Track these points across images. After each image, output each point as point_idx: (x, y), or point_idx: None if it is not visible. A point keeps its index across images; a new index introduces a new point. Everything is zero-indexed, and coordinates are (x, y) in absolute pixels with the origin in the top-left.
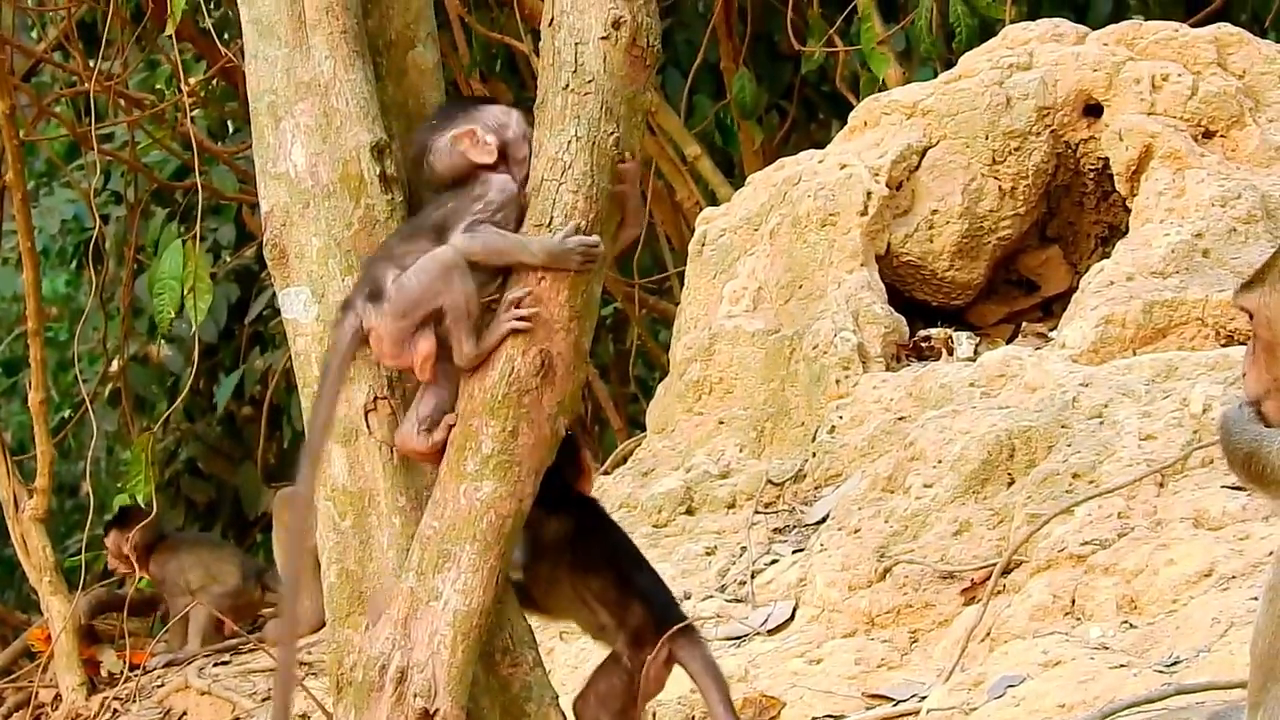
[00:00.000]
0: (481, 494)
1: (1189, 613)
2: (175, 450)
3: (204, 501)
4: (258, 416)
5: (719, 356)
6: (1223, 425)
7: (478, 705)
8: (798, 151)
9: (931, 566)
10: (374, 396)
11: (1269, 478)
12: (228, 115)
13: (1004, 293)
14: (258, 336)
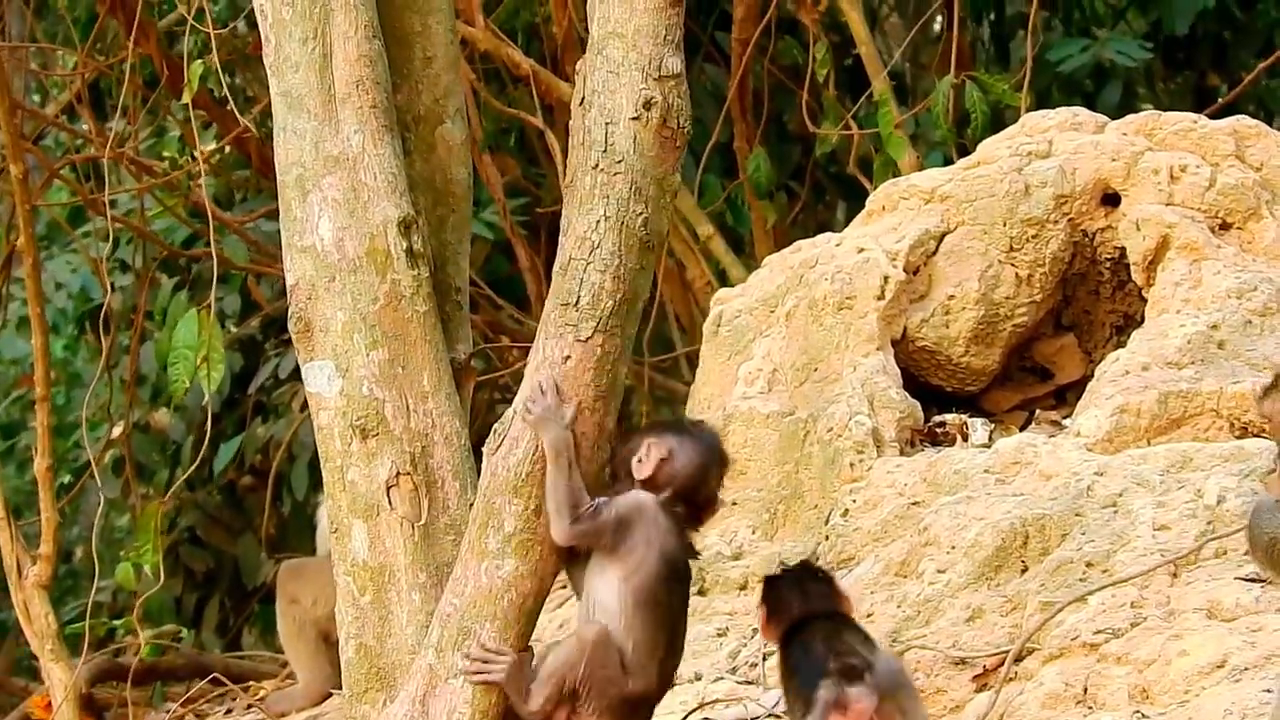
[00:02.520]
0: (503, 572)
1: (1201, 704)
2: (175, 519)
3: (203, 571)
4: (258, 486)
5: (733, 437)
6: (1253, 511)
7: None
8: (806, 233)
9: (944, 652)
10: (396, 472)
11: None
12: (236, 184)
13: (1018, 380)
14: (260, 406)
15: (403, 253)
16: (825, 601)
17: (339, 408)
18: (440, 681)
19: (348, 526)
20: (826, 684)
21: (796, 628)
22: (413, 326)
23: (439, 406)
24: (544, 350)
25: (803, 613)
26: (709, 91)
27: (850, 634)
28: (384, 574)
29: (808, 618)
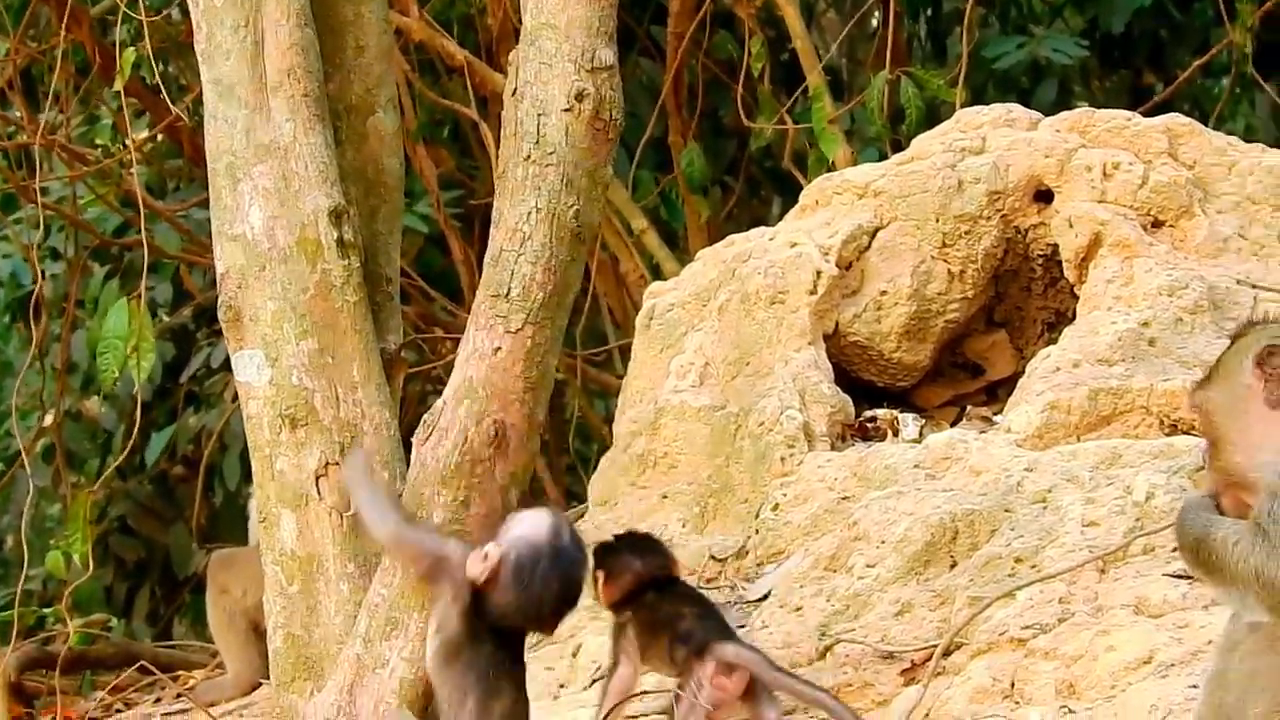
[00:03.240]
0: None
1: (1128, 699)
2: (105, 508)
3: (134, 560)
4: (189, 476)
5: (664, 431)
6: (1181, 509)
7: None
8: (740, 227)
9: (872, 646)
10: (325, 462)
11: (1213, 565)
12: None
13: (950, 375)
14: (192, 396)
15: (333, 242)
16: (662, 567)
17: (268, 397)
18: (368, 671)
19: (276, 516)
20: (721, 646)
21: (640, 592)
22: (343, 316)
23: (369, 397)
24: (474, 342)
25: (641, 577)
26: (644, 86)
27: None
28: (312, 564)
29: (651, 583)
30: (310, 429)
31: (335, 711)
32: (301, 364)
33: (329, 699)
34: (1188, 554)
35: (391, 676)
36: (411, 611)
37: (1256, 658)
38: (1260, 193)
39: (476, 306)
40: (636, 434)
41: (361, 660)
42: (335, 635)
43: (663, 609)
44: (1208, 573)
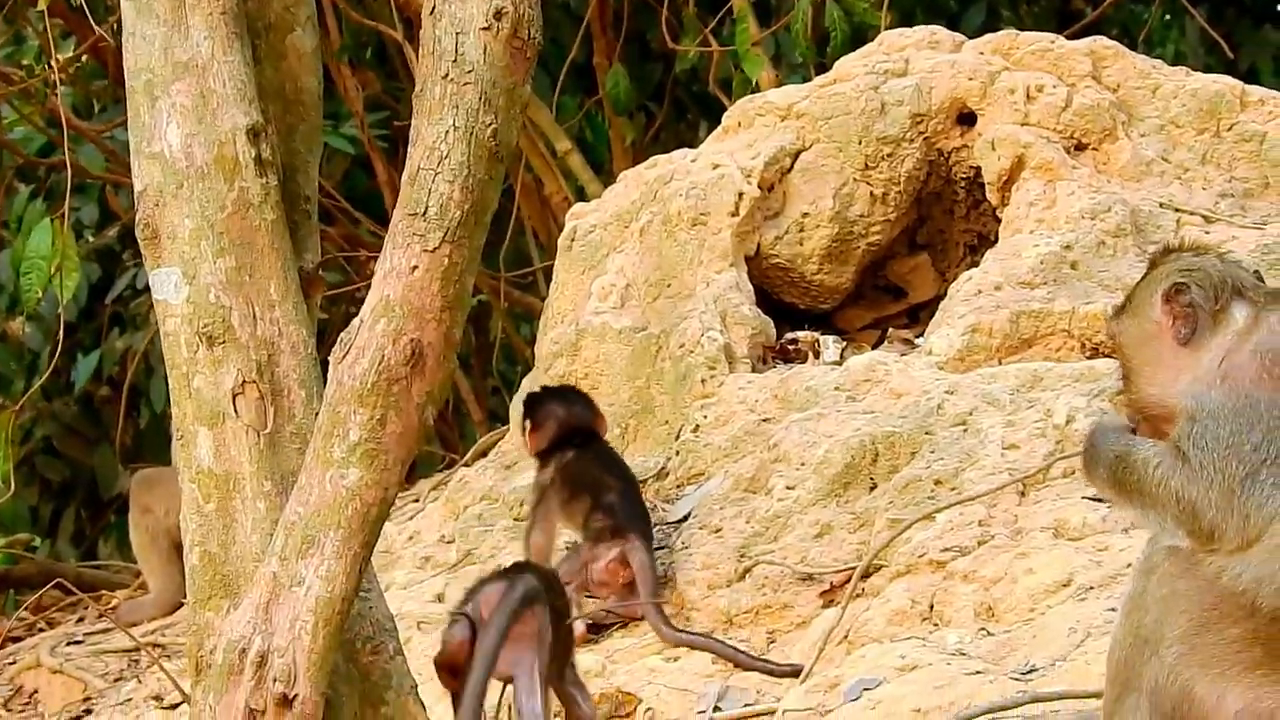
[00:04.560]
0: (348, 481)
1: (1046, 621)
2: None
3: (59, 481)
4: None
5: (585, 352)
6: (1092, 431)
7: (337, 692)
8: (666, 150)
9: (791, 568)
10: (242, 380)
11: (1133, 486)
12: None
13: (872, 298)
14: (118, 317)
15: (251, 161)
16: (585, 418)
17: (185, 315)
18: (284, 589)
19: (193, 434)
20: (635, 547)
21: (565, 441)
22: (260, 235)
23: (286, 315)
24: (391, 260)
25: (565, 425)
26: (568, 9)
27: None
28: (229, 481)
29: (575, 432)
30: (227, 347)
31: (251, 629)
32: (219, 282)
33: (245, 616)
34: (1104, 473)
35: (308, 595)
36: (328, 530)
37: (1174, 580)
38: (1184, 116)
39: (394, 225)
40: (558, 355)
41: (278, 578)
42: (252, 553)
43: (590, 471)
44: (1125, 495)
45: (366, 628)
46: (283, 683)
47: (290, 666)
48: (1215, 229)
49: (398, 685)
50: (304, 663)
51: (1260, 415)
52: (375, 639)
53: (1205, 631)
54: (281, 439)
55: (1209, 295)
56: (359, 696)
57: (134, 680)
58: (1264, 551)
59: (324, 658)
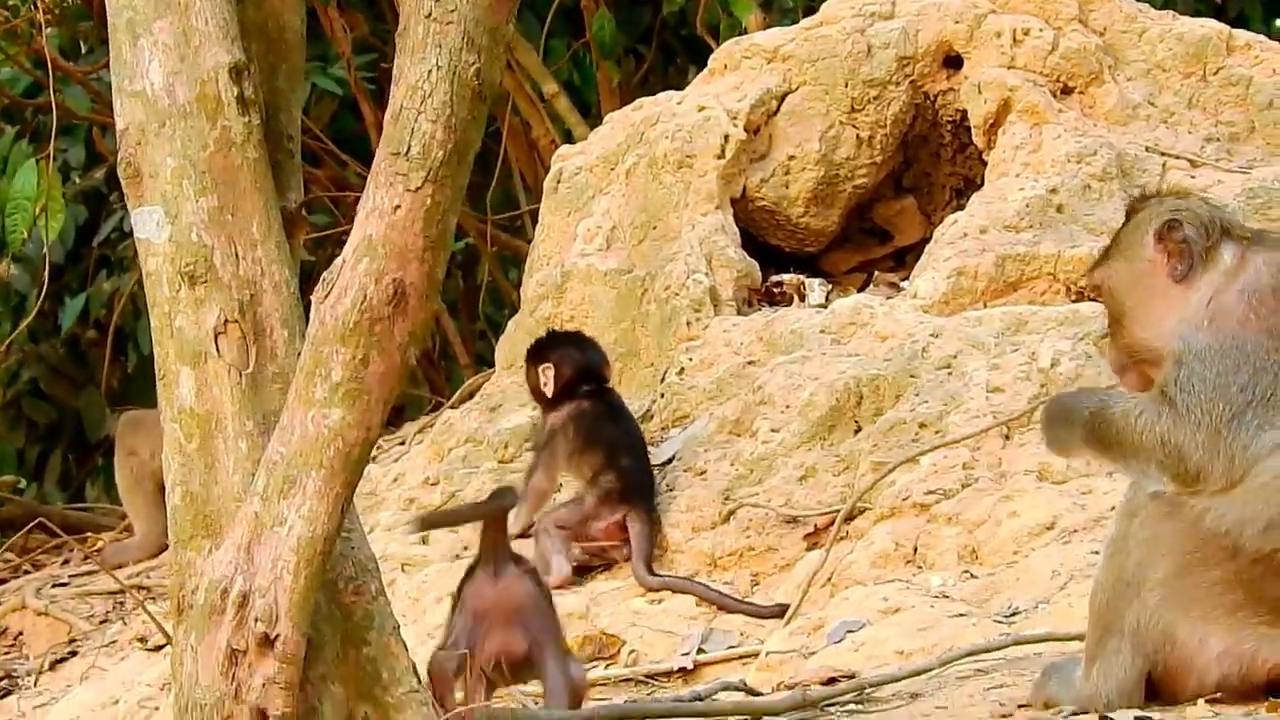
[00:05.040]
0: (330, 421)
1: (1029, 564)
2: (17, 371)
3: (45, 423)
4: (102, 340)
5: (570, 295)
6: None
7: (319, 632)
8: (654, 93)
9: (776, 510)
10: (224, 319)
11: (1112, 439)
12: (81, 34)
13: (857, 241)
14: (105, 259)
15: (234, 99)
16: (602, 361)
17: (167, 254)
18: (265, 529)
19: (175, 373)
20: (639, 518)
21: (580, 385)
22: (243, 174)
23: (268, 254)
24: (374, 200)
25: (584, 367)
26: None
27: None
28: (211, 421)
29: (590, 376)
30: (209, 286)
31: (233, 569)
32: (201, 221)
33: (226, 556)
34: (1081, 433)
35: (289, 535)
36: (309, 470)
37: (1157, 523)
38: (1170, 60)
39: (376, 165)
40: (543, 298)
41: (260, 518)
42: (233, 493)
43: (606, 426)
44: (1105, 449)
45: (349, 568)
46: (264, 623)
47: (272, 606)
48: (1201, 173)
49: (380, 626)
50: (286, 603)
51: (1247, 356)
52: (358, 579)
53: (1188, 574)
54: (263, 379)
55: (1201, 232)
56: (341, 636)
57: (119, 622)
58: (1247, 493)
59: (306, 598)
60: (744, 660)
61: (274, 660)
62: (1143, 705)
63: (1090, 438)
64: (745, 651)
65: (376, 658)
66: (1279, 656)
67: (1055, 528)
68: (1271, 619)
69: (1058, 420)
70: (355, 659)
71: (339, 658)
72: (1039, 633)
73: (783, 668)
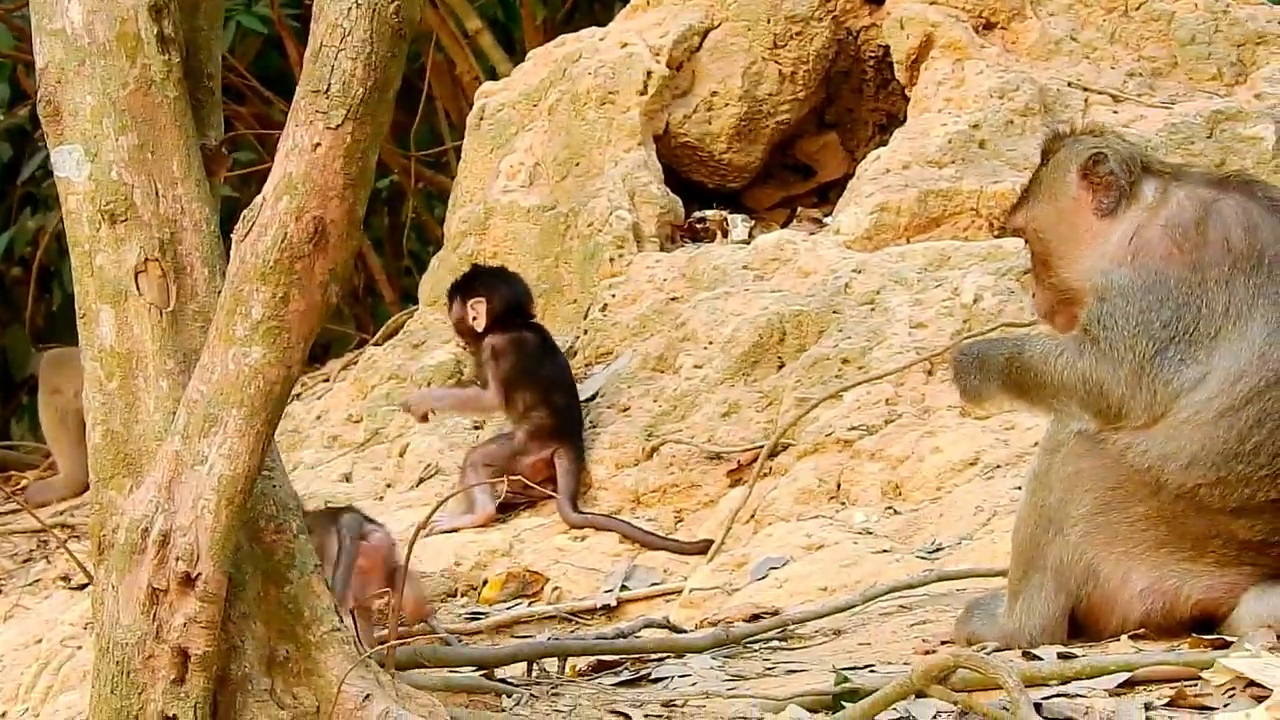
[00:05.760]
0: (250, 359)
1: (953, 500)
2: None
3: None
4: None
5: (494, 231)
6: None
7: (240, 571)
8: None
9: (699, 447)
10: (145, 258)
11: (1030, 382)
12: None
13: (781, 177)
14: (30, 197)
15: (153, 38)
16: (529, 294)
17: (87, 192)
18: (186, 468)
19: (95, 312)
20: (567, 457)
21: (509, 317)
22: (163, 112)
23: (188, 193)
24: (294, 138)
25: (513, 299)
26: None
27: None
28: (131, 360)
29: (518, 308)
30: (130, 225)
31: (154, 508)
32: (121, 159)
33: (147, 495)
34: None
35: (210, 473)
36: (230, 408)
37: (1079, 459)
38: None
39: (296, 102)
40: (466, 234)
41: (180, 457)
42: (154, 432)
43: (543, 362)
44: (1024, 393)
45: (270, 507)
46: (185, 562)
47: (193, 545)
48: (1124, 108)
49: (301, 565)
50: (206, 541)
51: (1169, 292)
52: (279, 518)
53: (1110, 510)
54: (184, 317)
55: (1124, 167)
56: (262, 576)
57: (43, 561)
58: (1170, 428)
59: (227, 536)
60: (667, 597)
61: (195, 599)
62: (1065, 641)
63: (1007, 383)
64: (669, 588)
65: (298, 596)
66: (1201, 593)
67: (978, 463)
68: (1194, 555)
69: (970, 369)
70: (276, 598)
71: (260, 597)
72: (962, 569)
73: (706, 604)
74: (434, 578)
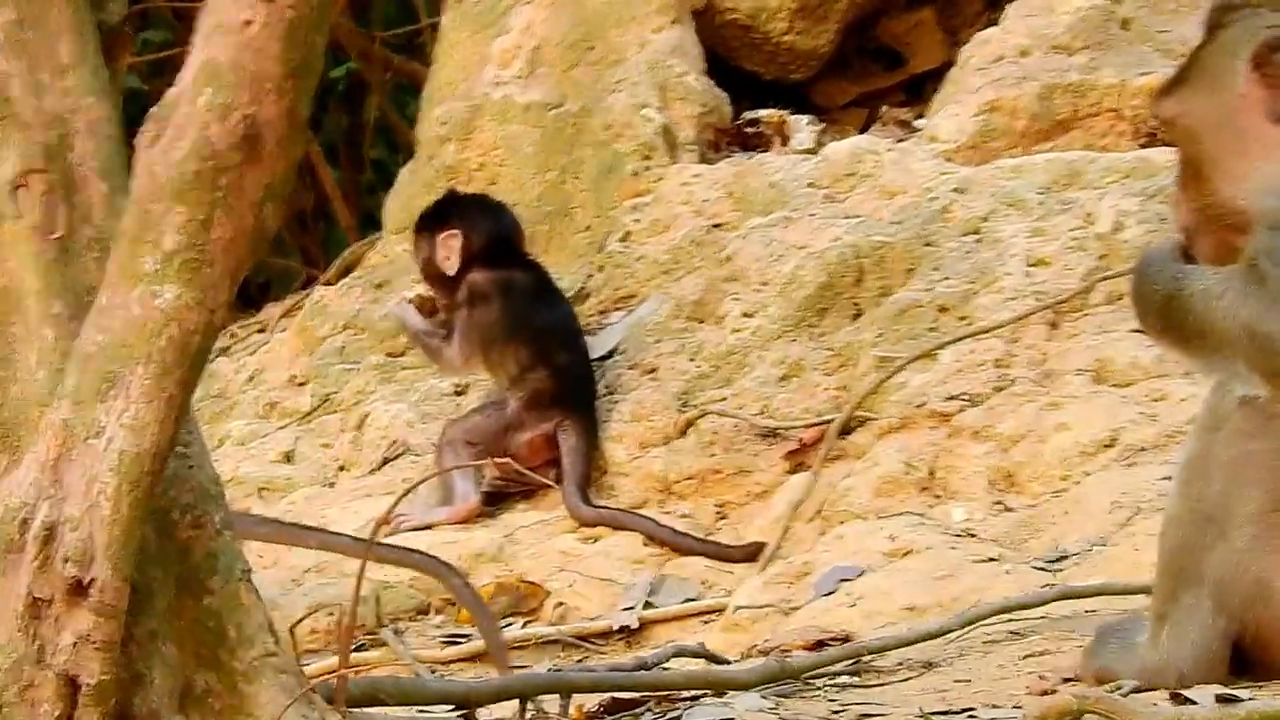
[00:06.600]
0: (162, 301)
1: (1081, 494)
2: None
3: None
4: None
5: (481, 135)
6: (1140, 263)
7: (146, 576)
8: None
9: (748, 420)
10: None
11: (1189, 327)
12: None
13: (859, 67)
14: None
15: None
16: (515, 232)
17: None
18: (78, 442)
19: None
20: (571, 431)
21: (491, 254)
22: None
23: (82, 84)
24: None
25: (496, 235)
26: None
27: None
28: (7, 301)
29: (503, 245)
30: (5, 125)
31: (35, 494)
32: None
33: (27, 477)
34: (1154, 318)
35: (109, 449)
36: (135, 365)
37: (1248, 439)
38: None
39: None
40: (445, 139)
41: (70, 427)
42: (36, 395)
43: (540, 309)
44: (1182, 339)
45: (185, 494)
46: (75, 563)
47: (86, 543)
48: None
49: (226, 568)
50: (103, 538)
51: None
52: (197, 509)
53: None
54: (76, 246)
55: None
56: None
57: None
58: None
59: (129, 532)
60: (705, 618)
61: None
62: (1227, 680)
63: (1163, 325)
64: (706, 606)
65: (221, 611)
66: None
67: (1116, 445)
68: None
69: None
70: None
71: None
72: (1092, 584)
73: (755, 628)
74: (399, 588)
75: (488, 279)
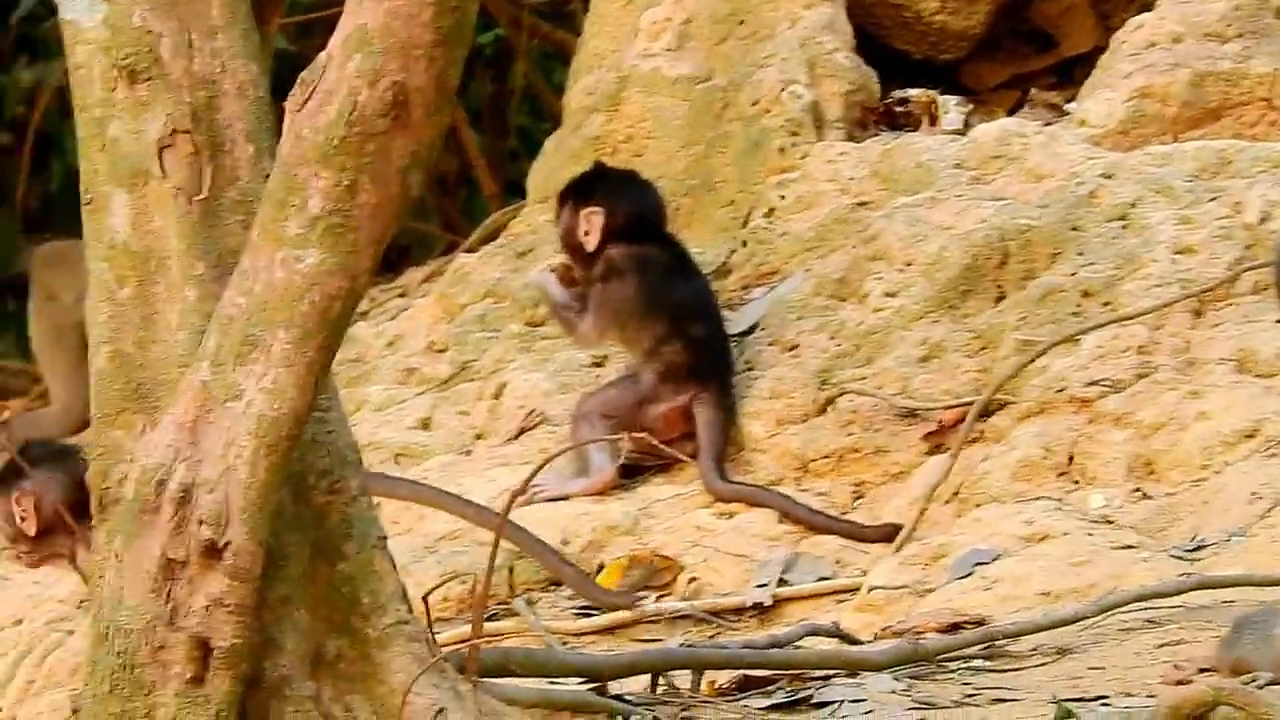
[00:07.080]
0: (304, 266)
1: (1222, 483)
2: None
3: None
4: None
5: (629, 107)
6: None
7: (280, 540)
8: None
9: (888, 400)
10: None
11: None
12: None
13: (1010, 48)
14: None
15: None
16: (659, 210)
17: (101, 42)
18: (216, 404)
19: (105, 197)
20: (705, 403)
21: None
22: None
23: (231, 45)
24: None
25: (639, 213)
26: None
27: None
28: (150, 261)
29: (645, 223)
30: (154, 85)
31: (172, 455)
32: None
33: (164, 438)
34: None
35: (247, 412)
36: (276, 329)
37: None
38: None
39: None
40: (592, 110)
41: (209, 389)
42: (176, 356)
43: (676, 283)
44: None
45: (322, 459)
46: (211, 526)
47: (221, 506)
48: None
49: (360, 534)
50: (239, 501)
51: None
52: (334, 474)
53: None
54: (221, 208)
55: None
56: (310, 547)
57: None
58: None
59: (265, 496)
60: (838, 597)
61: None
62: None
63: None
64: (840, 585)
65: (355, 577)
66: None
67: (1258, 436)
68: None
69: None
70: (328, 578)
71: (306, 576)
72: (1230, 574)
73: (889, 609)
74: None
75: (624, 254)
